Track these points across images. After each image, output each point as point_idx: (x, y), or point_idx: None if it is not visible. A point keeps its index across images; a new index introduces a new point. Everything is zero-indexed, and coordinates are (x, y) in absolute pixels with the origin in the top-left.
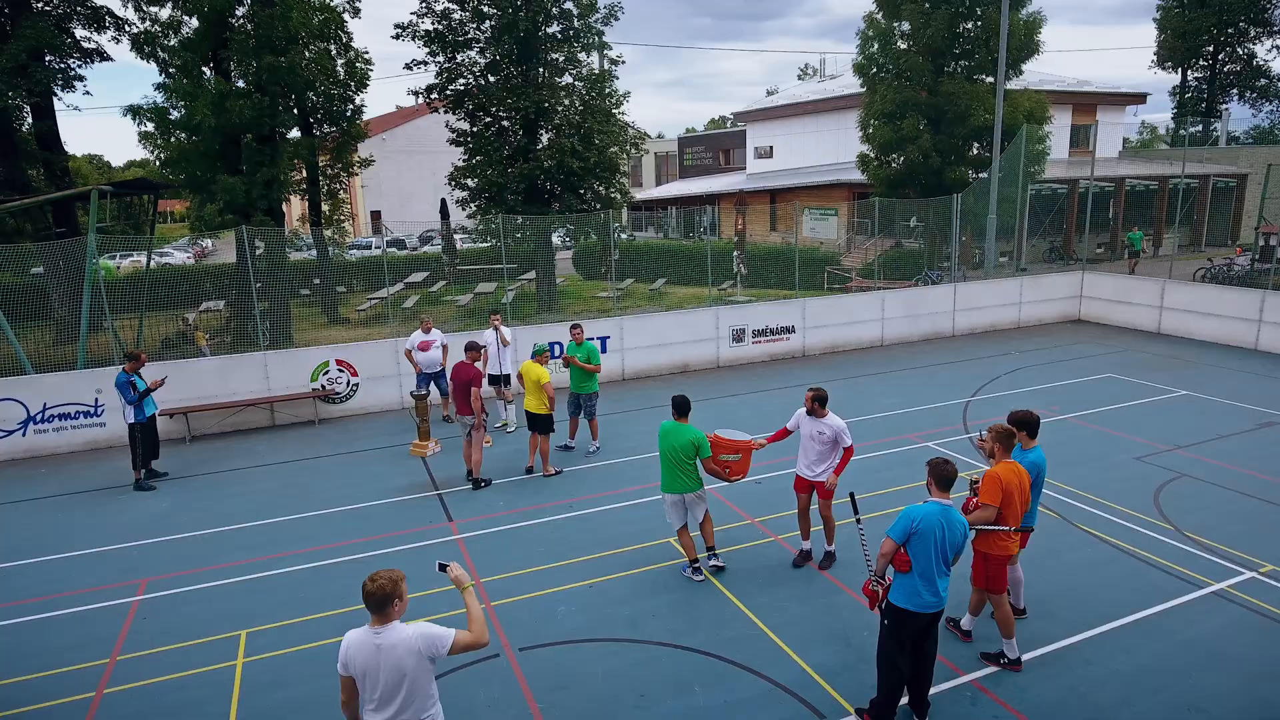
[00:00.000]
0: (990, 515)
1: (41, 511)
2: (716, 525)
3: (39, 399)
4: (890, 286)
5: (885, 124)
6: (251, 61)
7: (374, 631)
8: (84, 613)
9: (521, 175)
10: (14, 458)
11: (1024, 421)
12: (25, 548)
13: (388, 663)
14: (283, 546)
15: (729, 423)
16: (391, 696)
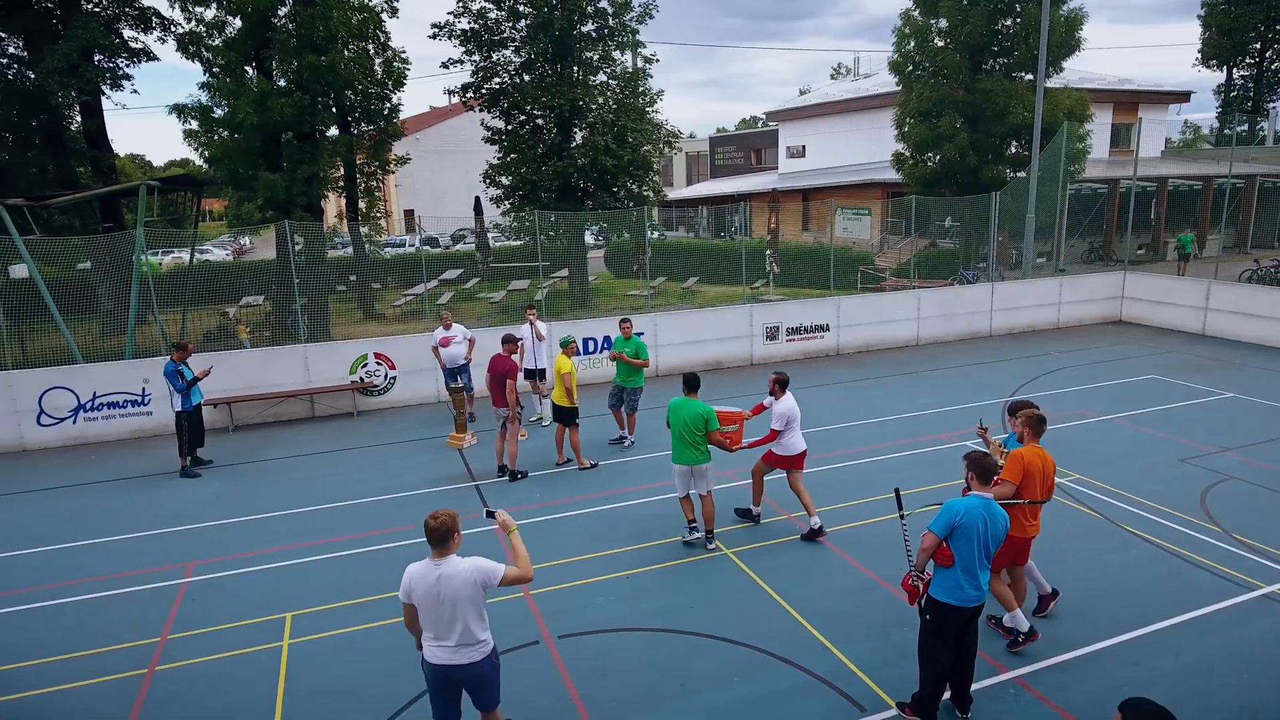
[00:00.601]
0: (1008, 492)
1: (93, 495)
2: (744, 522)
3: (89, 388)
4: (926, 285)
5: (921, 122)
6: (293, 61)
7: (434, 563)
8: (135, 594)
9: (555, 173)
10: (66, 444)
11: (1022, 410)
12: (79, 530)
13: (447, 591)
14: (324, 533)
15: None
16: (450, 620)
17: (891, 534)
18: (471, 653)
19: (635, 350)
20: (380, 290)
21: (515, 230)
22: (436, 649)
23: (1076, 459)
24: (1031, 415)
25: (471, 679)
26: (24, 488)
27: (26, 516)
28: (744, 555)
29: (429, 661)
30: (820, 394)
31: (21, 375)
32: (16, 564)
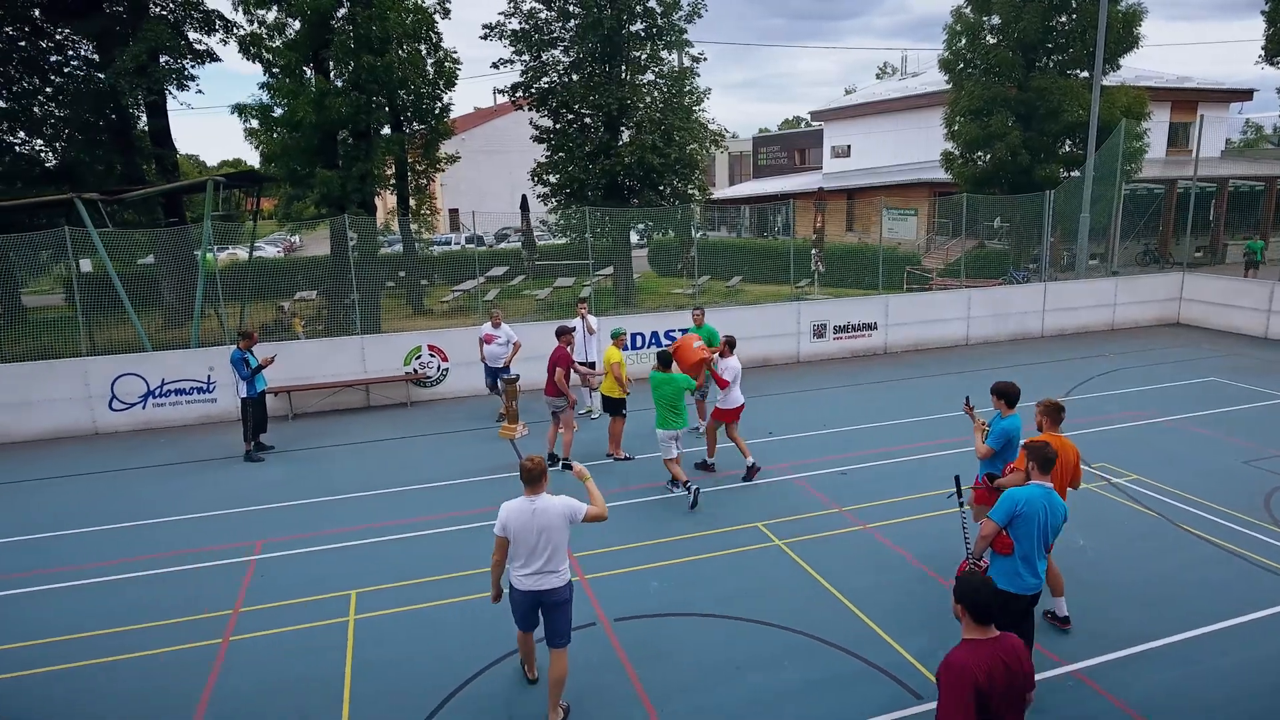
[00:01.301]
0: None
1: (164, 477)
2: (800, 513)
3: (158, 375)
4: (975, 285)
5: (972, 120)
6: (350, 61)
7: (529, 500)
8: (208, 568)
9: (603, 171)
10: (135, 428)
11: (1004, 391)
12: (153, 508)
13: (540, 523)
14: (383, 517)
15: (803, 419)
16: (541, 549)
17: (943, 529)
18: (555, 579)
19: (708, 337)
20: (428, 287)
21: (562, 228)
22: (525, 577)
23: (1134, 459)
24: (1049, 404)
25: (552, 603)
26: (98, 468)
27: (102, 495)
28: (795, 546)
29: (518, 589)
30: (869, 392)
31: (95, 362)
32: (95, 539)
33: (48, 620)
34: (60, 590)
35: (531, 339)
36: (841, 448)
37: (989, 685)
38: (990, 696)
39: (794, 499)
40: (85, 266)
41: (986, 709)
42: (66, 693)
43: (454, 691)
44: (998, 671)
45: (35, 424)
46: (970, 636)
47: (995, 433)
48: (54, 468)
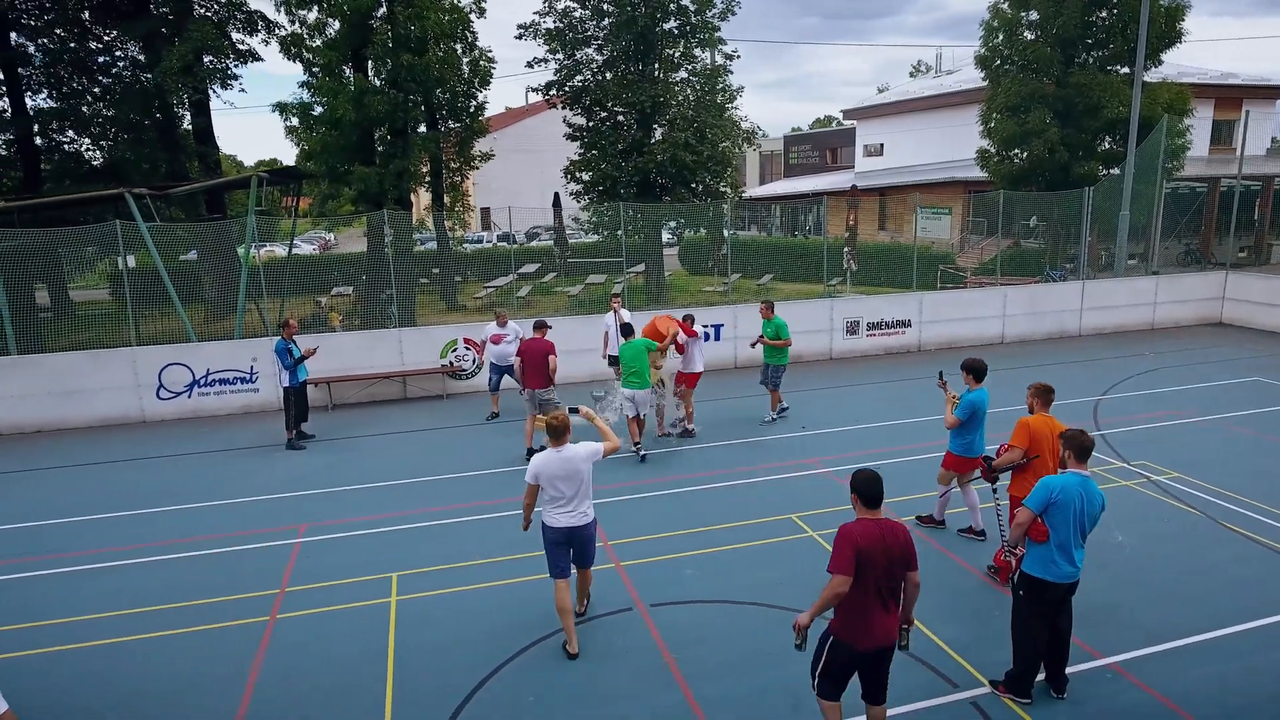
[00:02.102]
0: (1016, 458)
1: (209, 463)
2: (834, 507)
3: (203, 365)
4: (1012, 282)
5: (1008, 118)
6: (388, 60)
7: (556, 450)
8: (254, 550)
9: (635, 169)
10: (181, 416)
11: (972, 366)
12: (199, 493)
13: (568, 469)
14: (422, 503)
15: (836, 415)
16: (573, 491)
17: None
18: (583, 516)
19: (776, 330)
20: (461, 283)
21: (594, 225)
22: (559, 515)
23: (1174, 457)
24: (1039, 386)
25: (581, 538)
26: (147, 454)
27: (151, 480)
28: (830, 538)
29: (553, 526)
30: (902, 389)
31: (144, 351)
32: (141, 521)
33: (96, 598)
34: (108, 569)
35: (564, 332)
36: (875, 443)
37: (867, 547)
38: (868, 556)
39: (828, 493)
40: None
41: (863, 567)
42: (115, 668)
43: (492, 672)
44: (875, 540)
45: (87, 412)
46: (861, 516)
47: (962, 404)
48: (104, 453)
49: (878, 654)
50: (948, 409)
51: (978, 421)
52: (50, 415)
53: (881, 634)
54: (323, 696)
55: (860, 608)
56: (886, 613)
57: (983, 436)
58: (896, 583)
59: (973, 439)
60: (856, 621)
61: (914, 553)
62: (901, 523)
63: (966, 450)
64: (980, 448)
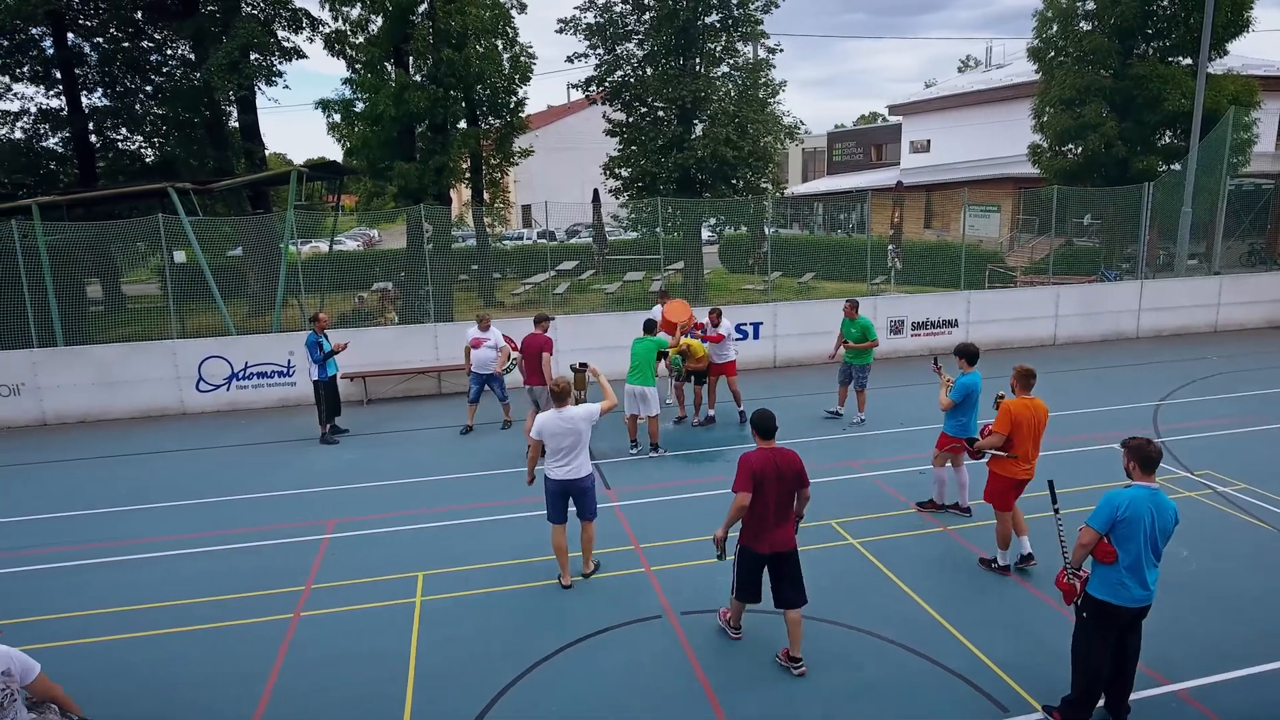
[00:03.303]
0: (998, 441)
1: (243, 456)
2: (875, 512)
3: (241, 358)
4: (1064, 281)
5: (1063, 111)
6: (429, 56)
7: (558, 412)
8: (282, 545)
9: (675, 165)
10: (220, 409)
11: (965, 351)
12: (232, 486)
13: (568, 428)
14: (453, 500)
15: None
16: (571, 448)
17: (1033, 534)
18: (581, 469)
19: (862, 331)
20: (500, 280)
21: (632, 222)
22: (558, 469)
23: (1242, 468)
24: (1021, 370)
25: (579, 490)
26: (184, 446)
27: (184, 473)
28: (871, 546)
29: (553, 479)
30: None
31: (184, 344)
32: (173, 513)
33: (124, 589)
34: (135, 562)
35: (600, 330)
36: (919, 446)
37: (761, 470)
38: (763, 479)
39: (870, 498)
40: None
41: (759, 486)
42: (139, 660)
43: (517, 678)
44: (769, 464)
45: (129, 402)
46: (760, 446)
47: (956, 386)
48: (142, 444)
49: (776, 558)
50: (942, 391)
51: (971, 403)
52: (94, 405)
53: (779, 541)
54: (342, 697)
55: (759, 519)
56: (782, 524)
57: (975, 418)
58: (790, 498)
59: (966, 420)
60: (756, 531)
61: (804, 473)
62: (792, 450)
63: (960, 430)
64: (973, 429)
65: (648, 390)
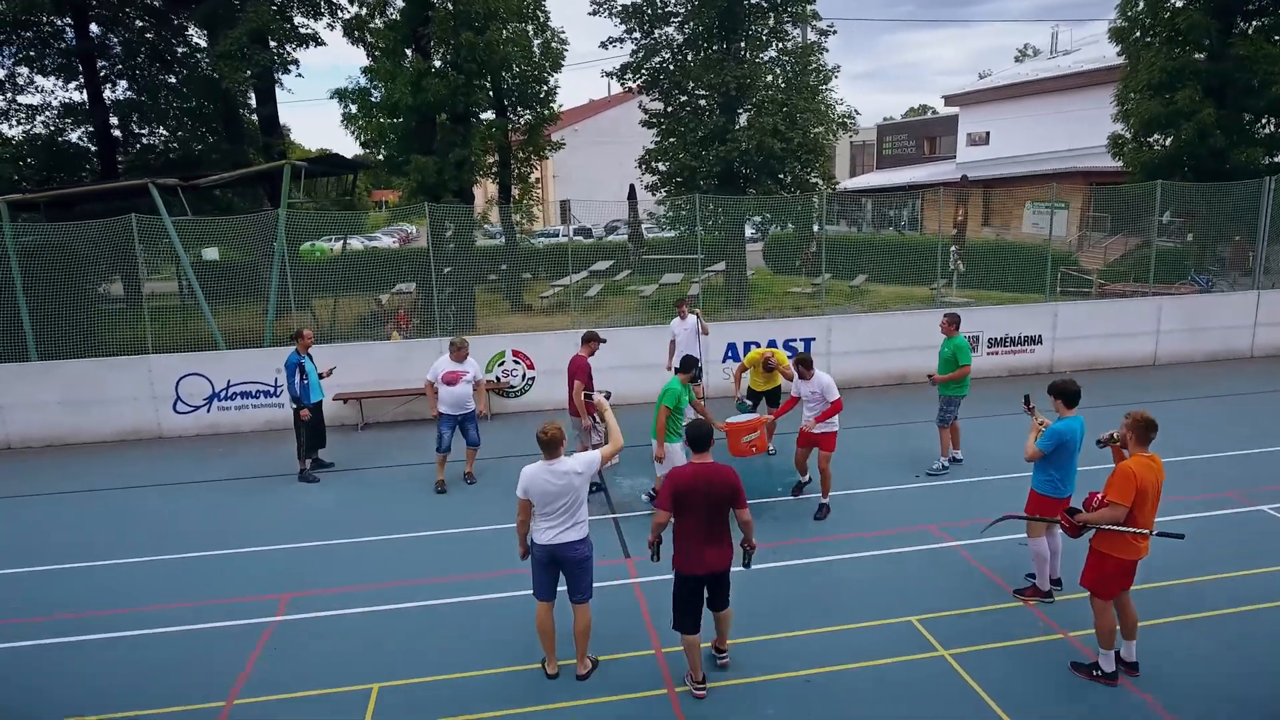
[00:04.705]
0: (1119, 515)
1: (214, 494)
2: (966, 604)
3: (223, 376)
4: (1164, 291)
5: (1151, 97)
6: (449, 40)
7: (548, 465)
8: (217, 632)
9: (717, 158)
10: (199, 432)
11: (1062, 390)
12: (184, 539)
13: (560, 485)
14: (440, 568)
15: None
16: (565, 507)
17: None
18: (575, 532)
19: (954, 352)
20: (530, 281)
21: (670, 220)
22: (547, 531)
23: None
24: (1140, 419)
25: (573, 560)
26: (150, 480)
27: (141, 518)
28: (968, 661)
29: (540, 544)
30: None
31: (160, 360)
32: (115, 576)
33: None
34: (36, 651)
35: (627, 344)
36: (1012, 501)
37: (684, 488)
38: (686, 496)
39: (956, 577)
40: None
41: (682, 505)
42: None
43: None
44: (694, 482)
45: (101, 424)
46: (692, 459)
47: (1047, 433)
48: (106, 476)
49: (710, 579)
50: (1030, 437)
51: (1068, 455)
52: (62, 427)
53: (710, 561)
54: None
55: (688, 540)
56: (713, 544)
57: (1073, 473)
58: (722, 518)
59: (1060, 476)
60: (686, 552)
61: (738, 492)
62: (728, 466)
63: (1052, 488)
64: (1069, 486)
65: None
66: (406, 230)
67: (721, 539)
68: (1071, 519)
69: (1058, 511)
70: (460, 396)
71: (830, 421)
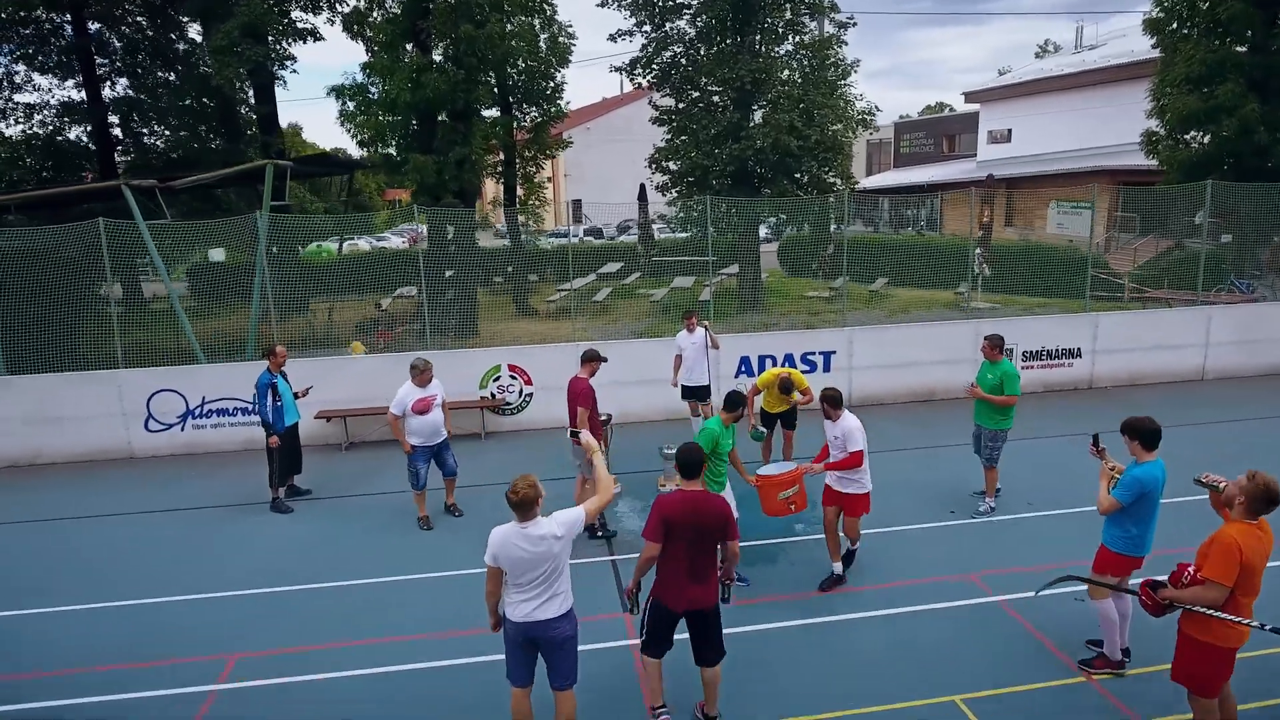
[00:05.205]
0: (1217, 599)
1: (179, 527)
2: (1018, 680)
3: (198, 391)
4: (1213, 300)
5: (1189, 92)
6: (449, 33)
7: (522, 528)
8: (151, 703)
9: (731, 157)
10: (173, 452)
11: (1139, 428)
12: (138, 582)
13: (535, 553)
14: (413, 623)
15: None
16: (543, 578)
17: None
18: (555, 606)
19: (1000, 380)
20: (537, 283)
21: (681, 221)
22: (521, 605)
23: None
24: (1262, 486)
25: (552, 641)
26: (114, 508)
27: (98, 554)
28: None
29: (513, 620)
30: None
31: (130, 375)
32: (59, 625)
33: None
34: None
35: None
36: (1063, 544)
37: (674, 517)
38: (676, 526)
39: (1003, 642)
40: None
41: (672, 535)
42: None
43: None
44: (684, 510)
45: (67, 443)
46: (680, 486)
47: (1124, 482)
48: (68, 502)
49: (694, 615)
50: (1103, 485)
51: (1149, 507)
52: (25, 447)
53: (696, 597)
54: None
55: (674, 572)
56: (699, 579)
57: (1153, 529)
58: (709, 550)
59: (1139, 533)
60: (671, 584)
61: (730, 523)
62: (719, 496)
63: (1128, 546)
64: (1148, 544)
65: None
66: (416, 230)
67: (707, 575)
68: (1155, 595)
69: (1131, 571)
70: (435, 425)
71: (859, 479)
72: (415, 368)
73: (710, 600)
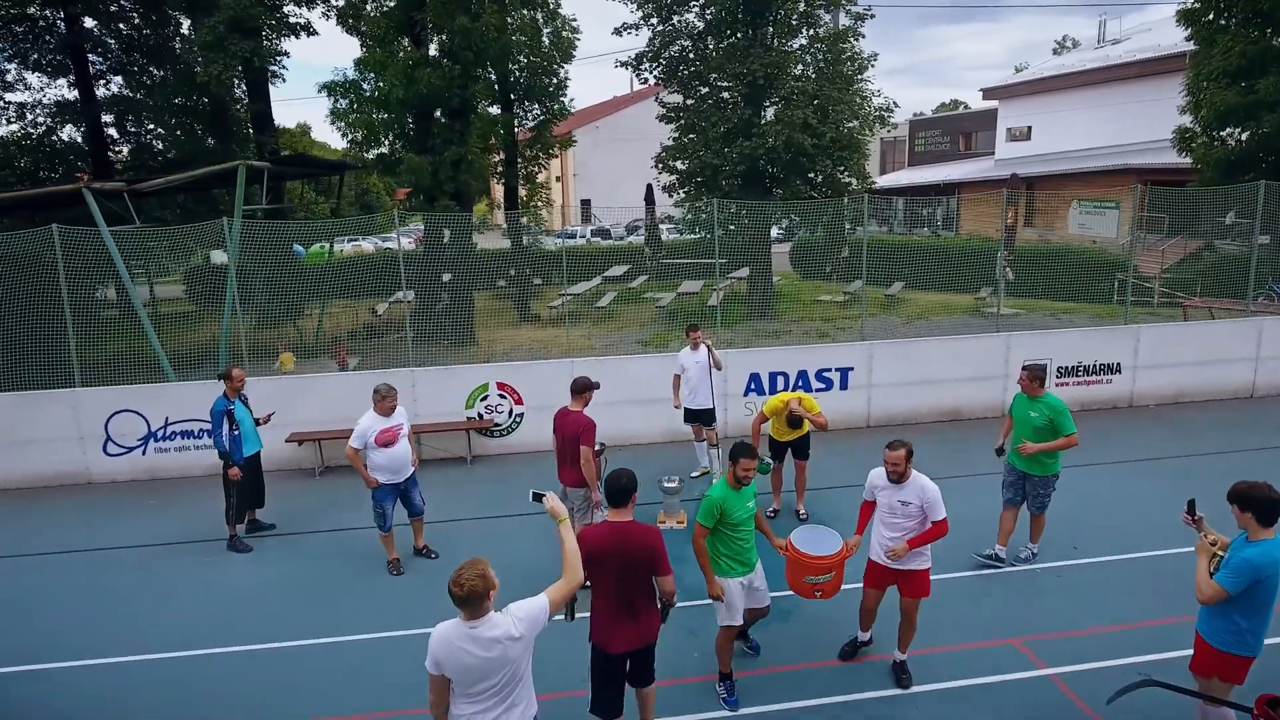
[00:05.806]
0: None
1: (125, 570)
2: None
3: (161, 412)
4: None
5: (1227, 86)
6: (445, 26)
7: (469, 626)
8: None
9: (742, 156)
10: (134, 478)
11: (1252, 498)
12: (63, 641)
13: (490, 657)
14: (374, 698)
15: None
16: (500, 686)
17: None
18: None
19: (1051, 418)
20: (541, 286)
21: (690, 223)
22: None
23: None
24: None
25: None
26: (61, 545)
27: (31, 603)
28: None
29: None
30: (1108, 476)
31: (89, 395)
32: None
33: None
34: None
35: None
36: (1119, 599)
37: (595, 550)
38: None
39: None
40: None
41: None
42: None
43: None
44: (606, 543)
45: (21, 468)
46: (608, 517)
47: (1233, 564)
48: (15, 537)
49: (632, 656)
50: (1201, 565)
51: (1266, 596)
52: None
53: (632, 637)
54: None
55: (604, 611)
56: (632, 617)
57: (1268, 621)
58: (639, 586)
59: (1251, 625)
60: (603, 625)
61: (660, 556)
62: (650, 526)
63: (1238, 643)
64: (1258, 642)
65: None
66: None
67: (638, 613)
68: (1276, 715)
69: (1243, 675)
70: (402, 458)
71: (924, 551)
72: (378, 393)
73: (649, 639)
